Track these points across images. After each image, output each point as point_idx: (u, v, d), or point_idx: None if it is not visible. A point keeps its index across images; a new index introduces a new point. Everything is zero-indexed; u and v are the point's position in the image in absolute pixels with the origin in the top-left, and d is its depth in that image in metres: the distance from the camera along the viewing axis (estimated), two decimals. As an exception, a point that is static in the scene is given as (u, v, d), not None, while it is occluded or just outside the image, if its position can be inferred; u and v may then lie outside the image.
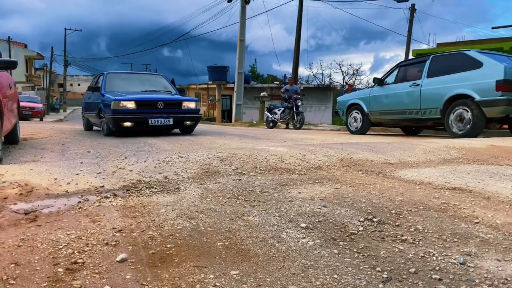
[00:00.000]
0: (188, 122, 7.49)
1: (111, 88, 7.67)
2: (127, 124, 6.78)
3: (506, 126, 6.85)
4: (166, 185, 2.64)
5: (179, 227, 1.81)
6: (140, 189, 2.52)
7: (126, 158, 3.50)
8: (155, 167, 3.07)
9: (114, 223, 1.88)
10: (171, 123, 7.07)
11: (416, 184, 2.64)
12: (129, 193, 2.44)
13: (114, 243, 1.64)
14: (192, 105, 7.50)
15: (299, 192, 2.44)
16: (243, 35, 18.21)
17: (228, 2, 18.44)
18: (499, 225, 1.82)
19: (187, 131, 7.90)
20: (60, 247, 1.59)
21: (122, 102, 6.78)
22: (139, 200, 2.30)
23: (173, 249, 1.58)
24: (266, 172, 3.03)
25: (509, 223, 1.85)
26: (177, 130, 8.09)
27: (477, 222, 1.86)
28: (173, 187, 2.60)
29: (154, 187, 2.59)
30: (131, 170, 2.97)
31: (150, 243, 1.64)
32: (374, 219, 1.90)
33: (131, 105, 6.82)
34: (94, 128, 8.97)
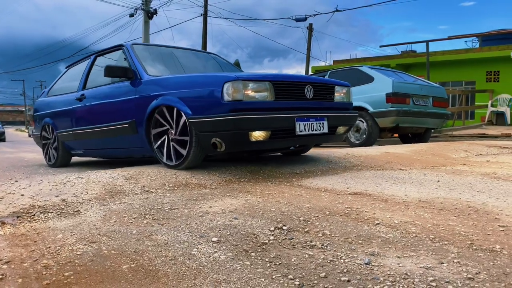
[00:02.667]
0: (341, 129, 3.85)
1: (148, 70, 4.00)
2: (259, 134, 3.15)
3: (397, 135, 7.53)
4: (64, 208, 2.42)
5: (78, 253, 1.65)
6: (34, 215, 2.28)
7: (16, 181, 3.15)
8: (51, 189, 2.81)
9: (1, 254, 1.65)
10: (326, 129, 3.58)
11: (321, 191, 2.74)
12: (20, 220, 2.19)
13: (0, 277, 1.43)
14: (344, 93, 3.91)
15: (210, 206, 2.39)
16: (147, 51, 17.73)
17: (130, 16, 17.90)
18: (397, 225, 1.95)
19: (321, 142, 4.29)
20: None
21: (248, 83, 3.10)
22: (31, 226, 2.07)
23: (72, 277, 1.43)
24: (176, 188, 2.94)
25: (405, 222, 2.00)
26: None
27: (378, 223, 1.97)
28: (72, 210, 2.39)
29: (50, 211, 2.35)
30: (22, 195, 2.68)
31: (45, 273, 1.47)
32: (284, 227, 1.92)
33: (264, 92, 3.18)
34: (78, 158, 5.97)
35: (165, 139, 3.59)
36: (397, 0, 13.73)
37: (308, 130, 3.43)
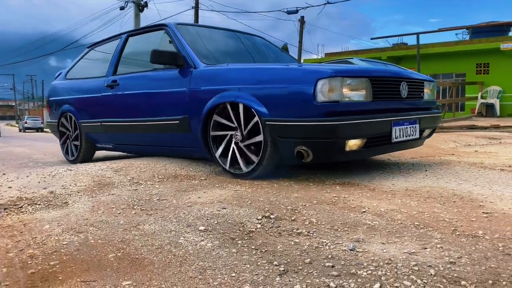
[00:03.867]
0: (427, 132, 3.38)
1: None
2: (354, 143, 2.66)
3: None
4: (52, 200, 2.41)
5: (65, 243, 1.65)
6: (21, 207, 2.27)
7: (4, 174, 3.14)
8: (39, 182, 2.79)
9: (-14, 245, 1.65)
10: (417, 134, 3.13)
11: (309, 181, 2.76)
12: (7, 212, 2.18)
13: (-15, 267, 1.43)
14: (431, 89, 3.43)
15: (199, 197, 2.40)
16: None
17: (121, 9, 17.73)
18: (383, 212, 1.97)
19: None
20: None
21: (346, 80, 2.59)
22: (18, 218, 2.06)
23: (57, 266, 1.43)
24: (165, 180, 2.94)
25: (391, 209, 2.02)
26: None
27: (364, 211, 1.99)
28: (60, 202, 2.38)
29: (38, 203, 2.34)
30: (10, 187, 2.67)
31: (30, 262, 1.47)
32: (272, 216, 1.93)
33: (362, 90, 2.68)
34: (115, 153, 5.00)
35: (228, 142, 3.01)
36: (388, -8, 13.74)
37: (403, 136, 2.96)
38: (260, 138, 2.79)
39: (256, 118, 2.77)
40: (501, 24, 8.68)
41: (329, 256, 1.45)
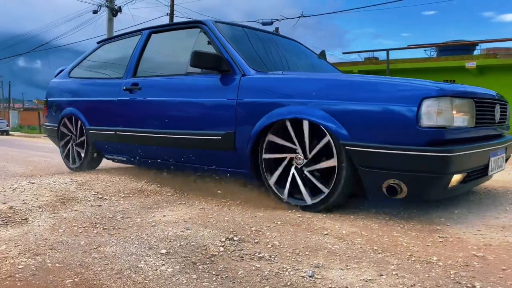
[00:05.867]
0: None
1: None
2: (457, 179, 2.23)
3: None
4: (12, 216, 2.34)
5: (20, 266, 1.61)
6: (-23, 224, 2.19)
7: (-39, 187, 3.02)
8: (-2, 196, 2.71)
9: None
10: (503, 165, 2.76)
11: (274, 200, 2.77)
12: (-39, 230, 2.10)
13: None
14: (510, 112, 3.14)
15: (164, 215, 2.38)
16: (111, 49, 17.38)
17: (94, 13, 17.45)
18: (345, 235, 2.01)
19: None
20: None
21: (455, 100, 2.20)
22: (-27, 237, 1.99)
23: (11, 293, 1.39)
24: (130, 195, 2.90)
25: (352, 232, 2.06)
26: None
27: (327, 234, 2.03)
28: (19, 218, 2.32)
29: (-4, 220, 2.27)
30: (-34, 202, 2.57)
31: (-18, 289, 1.42)
32: (235, 238, 1.94)
33: (466, 114, 2.30)
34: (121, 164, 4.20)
35: (285, 166, 2.56)
36: (362, 8, 14.11)
37: (495, 168, 2.57)
38: (332, 163, 2.35)
39: (327, 138, 2.35)
40: (466, 43, 9.08)
41: (288, 283, 1.47)
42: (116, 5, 17.14)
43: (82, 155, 3.98)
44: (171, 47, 3.55)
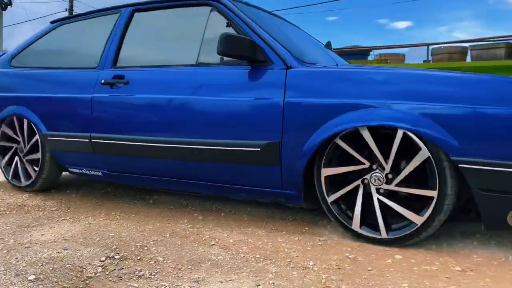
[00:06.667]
0: None
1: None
2: None
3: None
4: None
5: None
6: None
7: None
8: None
9: None
10: None
11: (171, 208, 2.72)
12: None
13: None
14: None
15: (42, 234, 2.21)
16: (0, 44, 15.87)
17: (-22, 5, 15.73)
18: (231, 244, 2.03)
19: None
20: None
21: None
22: None
23: None
24: (8, 212, 2.64)
25: (239, 240, 2.09)
26: None
27: (213, 244, 2.03)
28: None
29: None
30: None
31: None
32: (117, 256, 1.86)
33: None
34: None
35: (357, 189, 2.04)
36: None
37: None
38: (431, 193, 1.85)
39: (424, 150, 1.84)
40: (362, 49, 9.77)
41: (164, 303, 1.44)
42: (4, -3, 15.63)
43: (33, 170, 3.13)
44: (168, 30, 2.86)
